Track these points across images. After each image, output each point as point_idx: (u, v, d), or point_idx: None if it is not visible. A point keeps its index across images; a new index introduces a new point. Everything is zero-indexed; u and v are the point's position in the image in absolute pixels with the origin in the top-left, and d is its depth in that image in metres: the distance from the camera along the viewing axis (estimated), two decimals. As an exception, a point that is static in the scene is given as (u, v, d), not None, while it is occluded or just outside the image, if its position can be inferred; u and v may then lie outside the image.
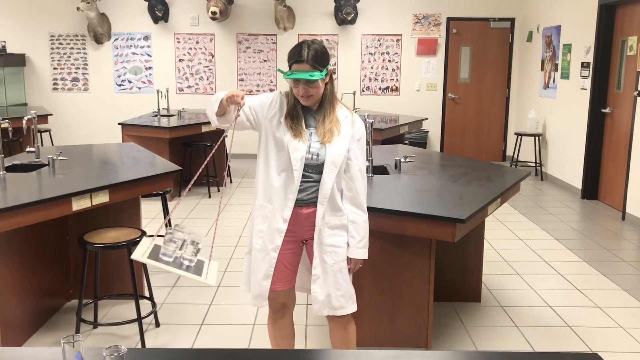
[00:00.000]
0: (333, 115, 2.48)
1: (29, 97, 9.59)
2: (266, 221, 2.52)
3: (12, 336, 3.29)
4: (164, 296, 4.10)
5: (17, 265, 3.38)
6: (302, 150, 2.43)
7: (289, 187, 2.47)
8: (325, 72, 2.41)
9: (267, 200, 2.51)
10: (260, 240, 2.55)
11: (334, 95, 2.52)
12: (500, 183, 3.61)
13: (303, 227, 2.53)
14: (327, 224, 2.49)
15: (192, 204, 6.71)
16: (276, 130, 2.47)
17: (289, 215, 2.49)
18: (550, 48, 8.26)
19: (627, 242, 5.51)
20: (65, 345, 1.41)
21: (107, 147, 5.02)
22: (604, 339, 3.55)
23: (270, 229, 2.51)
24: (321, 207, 2.48)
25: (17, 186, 3.36)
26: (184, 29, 9.48)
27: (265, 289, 2.55)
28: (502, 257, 4.97)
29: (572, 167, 7.52)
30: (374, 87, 9.65)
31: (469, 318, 3.81)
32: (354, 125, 2.53)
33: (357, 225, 2.52)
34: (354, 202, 2.53)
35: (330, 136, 2.45)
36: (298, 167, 2.44)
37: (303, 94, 2.41)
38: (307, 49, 2.37)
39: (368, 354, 1.76)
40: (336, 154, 2.45)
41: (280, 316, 2.71)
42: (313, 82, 2.38)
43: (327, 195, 2.47)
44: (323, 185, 2.46)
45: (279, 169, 2.48)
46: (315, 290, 2.53)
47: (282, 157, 2.46)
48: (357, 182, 2.52)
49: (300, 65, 2.36)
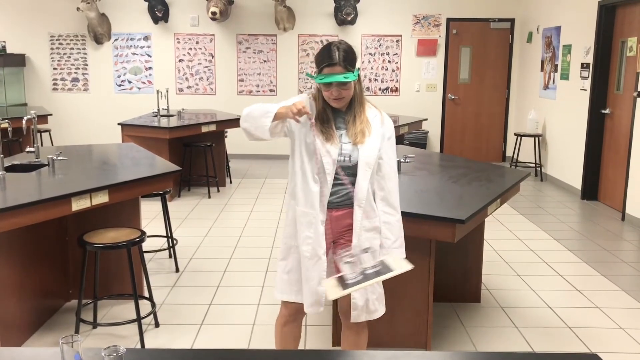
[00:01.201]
0: (363, 115, 2.47)
1: (29, 97, 9.59)
2: (312, 227, 2.48)
3: (11, 336, 3.29)
4: (164, 296, 4.10)
5: (16, 266, 3.38)
6: (334, 153, 2.42)
7: (323, 191, 2.45)
8: (357, 72, 2.40)
9: (310, 207, 2.47)
10: (309, 247, 2.49)
11: (363, 95, 2.51)
12: (500, 184, 3.61)
13: (334, 229, 2.52)
14: (364, 227, 2.47)
15: (192, 204, 6.71)
16: (307, 135, 2.45)
17: (324, 218, 2.48)
18: (550, 49, 8.26)
19: (627, 242, 5.51)
20: (64, 345, 1.40)
21: (106, 147, 5.02)
22: (603, 339, 3.55)
23: (317, 234, 2.47)
24: (359, 209, 2.45)
25: (17, 186, 3.36)
26: (184, 29, 9.48)
27: (321, 295, 2.51)
28: (501, 257, 4.97)
29: (571, 167, 7.52)
30: (373, 88, 9.65)
31: (469, 319, 3.81)
32: (384, 124, 2.52)
33: (390, 226, 2.50)
34: (387, 201, 2.51)
35: (362, 137, 2.43)
36: (331, 171, 2.42)
37: (336, 97, 2.39)
38: (337, 51, 2.35)
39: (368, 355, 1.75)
40: (369, 155, 2.44)
41: (292, 320, 2.69)
42: (346, 84, 2.36)
43: (364, 197, 2.45)
44: (359, 187, 2.44)
45: (314, 173, 2.45)
46: (356, 296, 2.51)
47: (315, 161, 2.44)
48: (389, 181, 2.50)
49: (333, 68, 2.34)
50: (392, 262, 2.24)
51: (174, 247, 4.71)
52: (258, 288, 4.27)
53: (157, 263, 4.76)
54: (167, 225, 4.75)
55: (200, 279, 4.43)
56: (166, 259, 4.84)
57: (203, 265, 4.73)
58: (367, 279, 2.17)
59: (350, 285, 2.16)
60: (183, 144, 7.07)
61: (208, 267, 4.69)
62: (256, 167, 8.91)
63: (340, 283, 2.20)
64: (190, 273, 4.56)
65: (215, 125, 7.15)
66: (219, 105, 9.37)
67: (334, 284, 2.23)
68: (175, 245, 4.75)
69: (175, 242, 4.81)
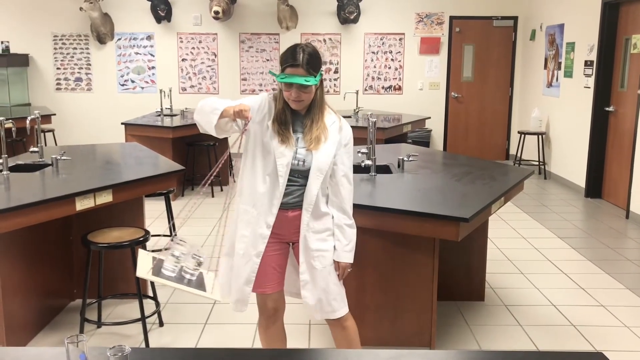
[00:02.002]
0: (321, 121, 2.45)
1: (32, 97, 9.61)
2: (249, 226, 2.50)
3: (16, 336, 3.30)
4: (168, 296, 4.10)
5: (21, 265, 3.39)
6: (288, 156, 2.41)
7: (274, 193, 2.44)
8: (319, 77, 2.38)
9: (252, 205, 2.49)
10: (243, 245, 2.53)
11: (324, 101, 2.49)
12: (503, 182, 3.60)
13: (289, 229, 2.52)
14: (312, 229, 2.48)
15: (195, 203, 6.71)
16: (263, 135, 2.44)
17: (272, 221, 2.47)
18: (554, 46, 8.24)
19: (631, 240, 5.50)
20: (69, 345, 1.41)
21: (110, 147, 5.03)
22: (608, 338, 3.54)
23: (254, 234, 2.49)
24: (306, 213, 2.46)
25: (21, 186, 3.37)
26: (186, 29, 9.49)
27: (247, 293, 2.55)
28: (505, 256, 4.97)
29: (575, 165, 7.50)
30: (376, 86, 9.64)
31: (473, 317, 3.80)
32: (342, 130, 2.51)
33: (342, 230, 2.51)
34: (339, 208, 2.51)
35: (317, 143, 2.42)
36: (284, 173, 2.42)
37: (295, 98, 2.38)
38: (302, 53, 2.34)
39: (371, 354, 1.75)
40: (322, 161, 2.43)
41: (272, 322, 2.69)
42: (306, 87, 2.35)
43: (312, 202, 2.45)
44: (308, 191, 2.44)
45: (264, 173, 2.45)
46: (306, 295, 2.53)
47: (268, 162, 2.44)
48: (342, 188, 2.50)
49: (295, 70, 2.33)
50: (208, 282, 2.27)
51: (178, 246, 4.70)
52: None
53: (161, 262, 4.76)
54: (170, 224, 4.75)
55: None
56: (170, 258, 4.83)
57: (207, 264, 4.73)
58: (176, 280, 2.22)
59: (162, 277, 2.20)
60: (186, 143, 7.07)
61: (212, 266, 4.68)
62: (259, 166, 8.89)
63: (156, 267, 2.22)
64: (194, 272, 4.56)
65: (218, 125, 7.13)
66: (222, 105, 9.35)
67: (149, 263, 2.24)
68: (179, 245, 4.74)
69: (179, 241, 4.80)
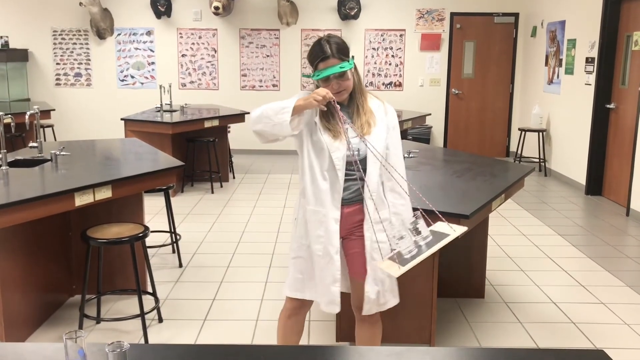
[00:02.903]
0: (366, 105, 2.45)
1: (32, 93, 9.59)
2: (322, 226, 2.46)
3: (15, 331, 3.29)
4: (167, 292, 4.10)
5: (20, 261, 3.38)
6: (342, 149, 2.40)
7: (335, 187, 2.43)
8: (352, 61, 2.38)
9: (320, 205, 2.45)
10: (321, 247, 2.48)
11: (363, 85, 2.49)
12: (504, 179, 3.59)
13: (345, 226, 2.50)
14: (374, 219, 2.43)
15: (195, 199, 6.71)
16: (313, 133, 2.44)
17: (339, 215, 2.45)
18: (555, 43, 8.22)
19: (631, 238, 5.49)
20: (67, 341, 1.40)
21: (109, 142, 5.02)
22: (608, 335, 3.54)
23: (327, 232, 2.46)
24: (370, 202, 2.42)
25: (20, 181, 3.36)
26: (186, 24, 9.46)
27: (336, 294, 2.49)
28: (505, 253, 4.96)
29: (576, 163, 7.49)
30: (377, 83, 9.62)
31: (473, 314, 3.80)
32: (387, 114, 2.50)
33: (399, 217, 2.47)
34: (395, 190, 2.48)
35: (368, 127, 2.41)
36: (341, 167, 2.40)
37: (337, 90, 2.36)
38: (328, 44, 2.34)
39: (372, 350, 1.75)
40: (377, 145, 2.41)
41: (296, 313, 2.67)
42: (344, 75, 2.35)
43: (375, 190, 2.43)
44: (369, 179, 2.42)
45: (322, 170, 2.43)
46: (368, 290, 2.49)
47: (324, 158, 2.42)
48: (397, 171, 2.48)
49: (327, 62, 2.33)
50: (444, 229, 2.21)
51: (177, 242, 4.71)
52: (261, 283, 4.26)
53: (161, 258, 4.76)
54: (170, 220, 4.74)
55: (204, 274, 4.42)
56: (169, 254, 4.84)
57: (206, 260, 4.73)
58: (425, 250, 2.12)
59: (409, 260, 2.12)
60: (186, 139, 7.06)
61: (211, 262, 4.69)
62: (259, 163, 8.89)
63: (398, 259, 2.15)
64: (194, 268, 4.56)
65: (218, 121, 7.14)
66: (222, 101, 9.35)
67: (390, 263, 2.18)
68: (178, 241, 4.75)
69: (178, 237, 4.81)
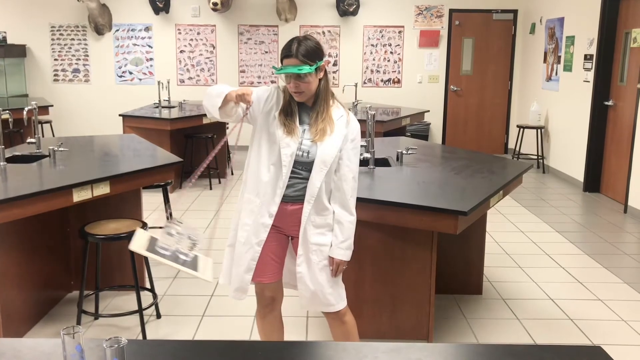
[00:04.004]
0: (327, 113, 2.45)
1: (30, 88, 9.57)
2: (252, 215, 2.51)
3: (13, 327, 3.29)
4: (165, 288, 4.10)
5: (18, 257, 3.38)
6: (293, 146, 2.41)
7: (277, 182, 2.45)
8: (315, 67, 2.37)
9: (255, 194, 2.50)
10: (245, 234, 2.53)
11: (329, 93, 2.48)
12: (502, 175, 3.59)
13: (288, 223, 2.52)
14: (313, 222, 2.47)
15: (193, 196, 6.71)
16: (270, 125, 2.46)
17: (275, 210, 2.47)
18: (553, 40, 8.21)
19: (629, 235, 5.50)
20: (65, 336, 1.40)
21: (108, 138, 5.01)
22: (605, 332, 3.54)
23: (256, 223, 2.49)
24: (308, 205, 2.45)
25: (18, 177, 3.35)
26: (185, 20, 9.44)
27: (247, 281, 2.55)
28: (503, 249, 4.97)
29: (574, 159, 7.49)
30: (375, 79, 9.61)
31: (471, 311, 3.81)
32: (349, 125, 2.50)
33: (342, 226, 2.48)
34: (341, 202, 2.49)
35: (322, 135, 2.42)
36: (287, 163, 2.42)
37: (294, 89, 2.39)
38: (297, 44, 2.36)
39: (369, 346, 1.75)
40: (327, 154, 2.42)
41: (269, 311, 2.70)
42: (303, 77, 2.35)
43: (315, 194, 2.44)
44: (311, 183, 2.44)
45: (269, 163, 2.46)
46: (301, 287, 2.53)
47: (273, 151, 2.45)
48: (346, 183, 2.48)
49: (290, 60, 2.35)
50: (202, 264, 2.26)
51: (176, 238, 4.70)
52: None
53: (159, 254, 4.76)
54: (168, 216, 4.74)
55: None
56: (168, 251, 4.83)
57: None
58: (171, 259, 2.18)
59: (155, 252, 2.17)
60: (184, 136, 7.05)
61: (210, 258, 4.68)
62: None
63: (150, 243, 2.20)
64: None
65: (216, 117, 7.12)
66: (221, 97, 9.33)
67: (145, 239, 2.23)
68: (176, 237, 4.74)
69: (176, 233, 4.79)
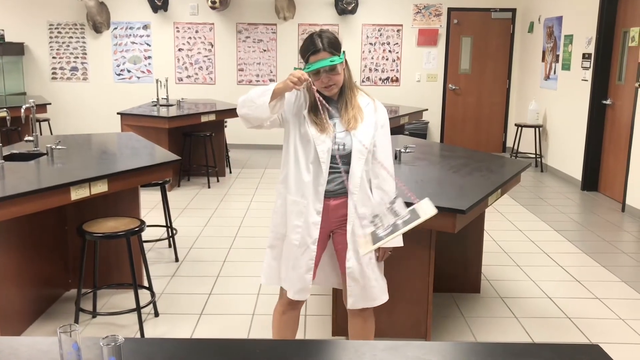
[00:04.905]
0: (355, 101, 2.47)
1: (28, 86, 9.56)
2: (302, 216, 2.49)
3: (10, 325, 3.29)
4: (163, 286, 4.09)
5: (15, 255, 3.37)
6: (328, 142, 2.42)
7: (319, 180, 2.45)
8: (343, 55, 2.40)
9: (301, 196, 2.49)
10: (298, 236, 2.51)
11: (353, 82, 2.51)
12: (500, 174, 3.59)
13: (330, 219, 2.52)
14: (359, 214, 2.46)
15: (191, 194, 6.70)
16: (301, 125, 2.46)
17: (321, 207, 2.48)
18: (552, 39, 8.22)
19: (626, 233, 5.51)
20: (61, 334, 1.39)
21: (106, 136, 5.00)
22: (603, 330, 3.55)
23: (307, 223, 2.49)
24: (352, 197, 2.45)
25: (16, 175, 3.34)
26: (183, 18, 9.43)
27: (308, 282, 2.53)
28: (501, 248, 4.97)
29: (572, 158, 7.50)
30: (374, 78, 9.61)
31: (469, 309, 3.81)
32: (377, 111, 2.51)
33: None
34: (381, 188, 2.49)
35: (355, 123, 2.43)
36: (325, 159, 2.42)
37: (327, 84, 2.39)
38: (319, 38, 2.36)
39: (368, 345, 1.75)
40: (362, 141, 2.43)
41: (290, 308, 2.69)
42: (334, 69, 2.37)
43: (358, 184, 2.45)
44: (352, 174, 2.44)
45: (307, 162, 2.46)
46: (350, 284, 2.52)
47: (310, 151, 2.44)
48: (383, 169, 2.49)
49: (318, 55, 2.35)
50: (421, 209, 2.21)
51: (174, 236, 4.70)
52: (258, 278, 4.25)
53: (157, 253, 4.76)
54: (166, 215, 4.74)
55: (200, 269, 4.42)
56: (166, 249, 4.83)
57: (202, 255, 4.73)
58: (399, 229, 2.12)
59: (382, 238, 2.13)
60: (183, 134, 7.05)
61: (207, 256, 4.68)
62: (256, 157, 8.89)
63: (373, 238, 2.18)
64: (190, 263, 4.56)
65: (214, 115, 7.12)
66: (219, 95, 9.34)
67: (365, 240, 2.22)
68: (174, 235, 4.74)
69: (174, 231, 4.80)
